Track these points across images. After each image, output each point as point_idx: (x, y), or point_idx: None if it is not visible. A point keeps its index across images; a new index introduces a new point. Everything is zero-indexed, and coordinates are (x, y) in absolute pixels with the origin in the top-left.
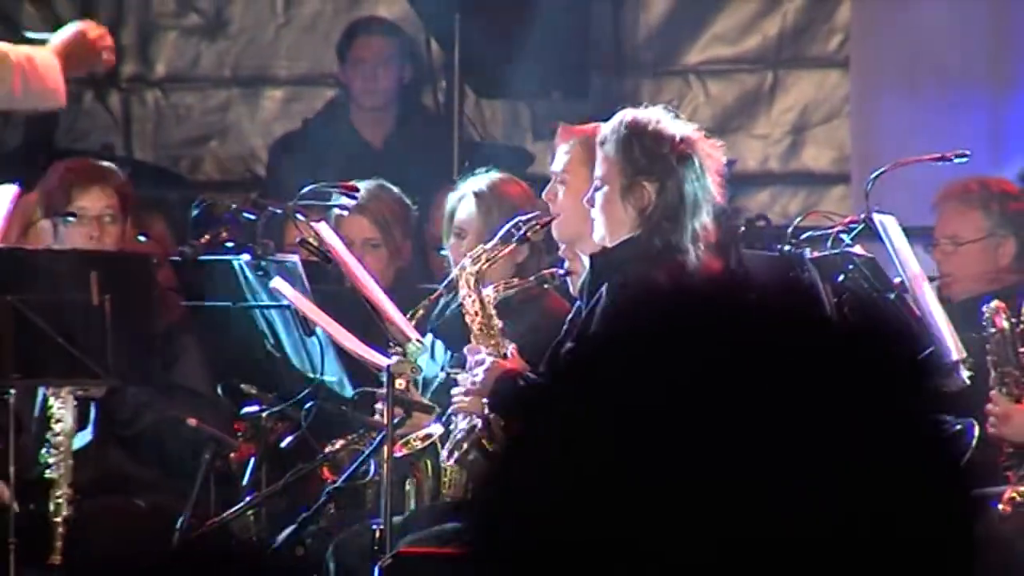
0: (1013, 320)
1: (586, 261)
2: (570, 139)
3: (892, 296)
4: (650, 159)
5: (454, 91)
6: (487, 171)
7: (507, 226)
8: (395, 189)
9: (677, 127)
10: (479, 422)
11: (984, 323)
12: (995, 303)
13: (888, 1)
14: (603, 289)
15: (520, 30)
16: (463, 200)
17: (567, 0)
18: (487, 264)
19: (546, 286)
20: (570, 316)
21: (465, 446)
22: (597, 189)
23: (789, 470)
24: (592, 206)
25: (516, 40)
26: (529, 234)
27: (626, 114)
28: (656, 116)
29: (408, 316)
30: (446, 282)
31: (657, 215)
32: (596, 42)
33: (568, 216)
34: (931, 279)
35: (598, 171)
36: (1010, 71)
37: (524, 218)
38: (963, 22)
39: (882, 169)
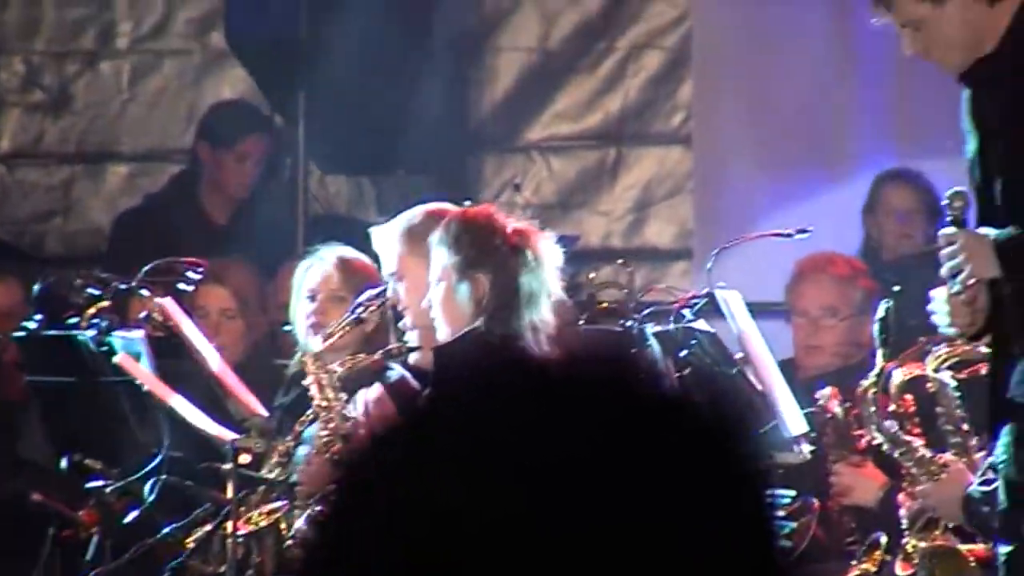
0: (847, 404)
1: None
2: (387, 238)
3: (734, 371)
4: (481, 251)
5: (299, 167)
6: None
7: (355, 306)
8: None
9: (509, 220)
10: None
11: (817, 410)
12: (828, 389)
13: (730, 79)
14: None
15: (364, 106)
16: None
17: (411, 77)
18: (329, 343)
19: (391, 362)
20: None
21: (307, 525)
22: (435, 288)
23: (624, 546)
24: (431, 309)
25: (360, 116)
26: (365, 315)
27: (456, 211)
28: (486, 210)
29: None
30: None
31: (492, 305)
32: (439, 118)
33: (416, 311)
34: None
35: (433, 271)
36: (851, 148)
37: (366, 296)
38: (805, 100)
39: (725, 245)
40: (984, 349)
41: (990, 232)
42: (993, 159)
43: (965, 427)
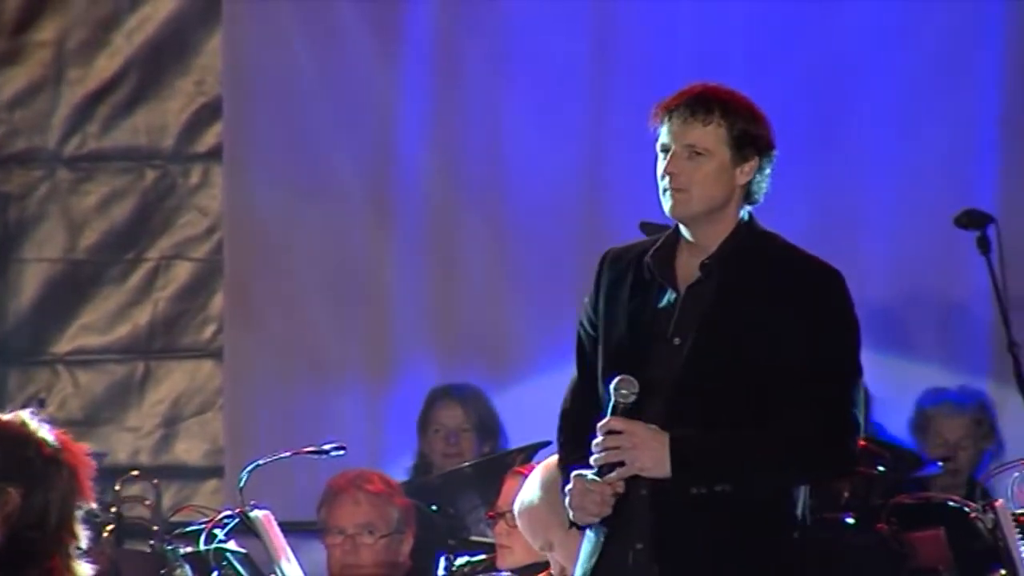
0: None
1: None
2: None
3: None
4: (13, 462)
5: None
6: None
7: None
8: None
9: (44, 430)
10: None
11: None
12: None
13: (263, 292)
14: None
15: None
16: None
17: None
18: None
19: None
20: None
21: None
22: None
23: None
24: None
25: None
26: None
27: None
28: (21, 419)
29: None
30: None
31: (22, 522)
32: None
33: None
34: None
35: None
36: (389, 368)
37: None
38: (342, 308)
39: (257, 462)
40: None
41: (657, 429)
42: (671, 360)
43: None
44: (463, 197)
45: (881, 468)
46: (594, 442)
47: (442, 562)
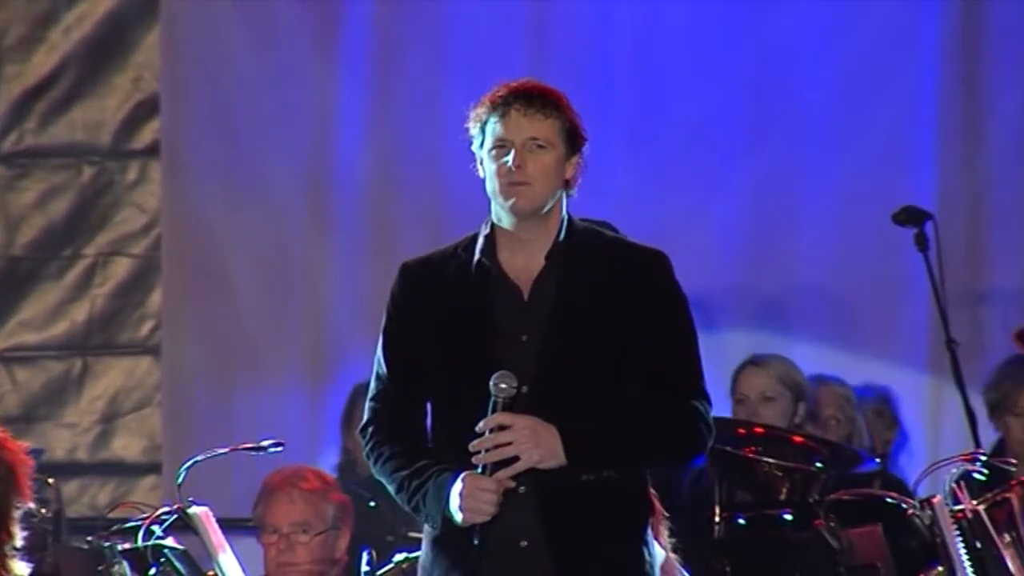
0: None
1: None
2: None
3: None
4: None
5: None
6: None
7: None
8: None
9: None
10: None
11: None
12: None
13: (201, 289)
14: None
15: None
16: None
17: None
18: None
19: None
20: None
21: None
22: None
23: None
24: None
25: None
26: None
27: None
28: None
29: None
30: None
31: None
32: None
33: None
34: None
35: None
36: (326, 366)
37: None
38: (275, 313)
39: (195, 459)
40: None
41: (542, 420)
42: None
43: None
44: (402, 196)
45: (819, 464)
46: (477, 441)
47: (364, 556)
